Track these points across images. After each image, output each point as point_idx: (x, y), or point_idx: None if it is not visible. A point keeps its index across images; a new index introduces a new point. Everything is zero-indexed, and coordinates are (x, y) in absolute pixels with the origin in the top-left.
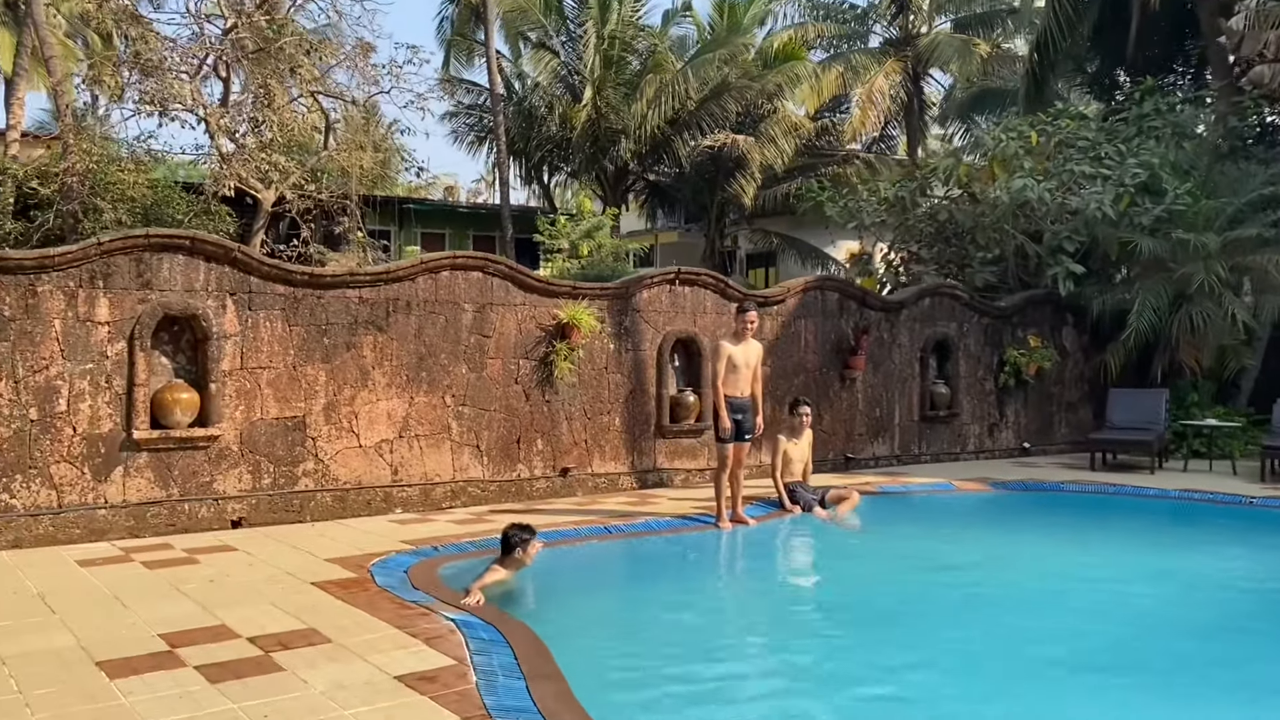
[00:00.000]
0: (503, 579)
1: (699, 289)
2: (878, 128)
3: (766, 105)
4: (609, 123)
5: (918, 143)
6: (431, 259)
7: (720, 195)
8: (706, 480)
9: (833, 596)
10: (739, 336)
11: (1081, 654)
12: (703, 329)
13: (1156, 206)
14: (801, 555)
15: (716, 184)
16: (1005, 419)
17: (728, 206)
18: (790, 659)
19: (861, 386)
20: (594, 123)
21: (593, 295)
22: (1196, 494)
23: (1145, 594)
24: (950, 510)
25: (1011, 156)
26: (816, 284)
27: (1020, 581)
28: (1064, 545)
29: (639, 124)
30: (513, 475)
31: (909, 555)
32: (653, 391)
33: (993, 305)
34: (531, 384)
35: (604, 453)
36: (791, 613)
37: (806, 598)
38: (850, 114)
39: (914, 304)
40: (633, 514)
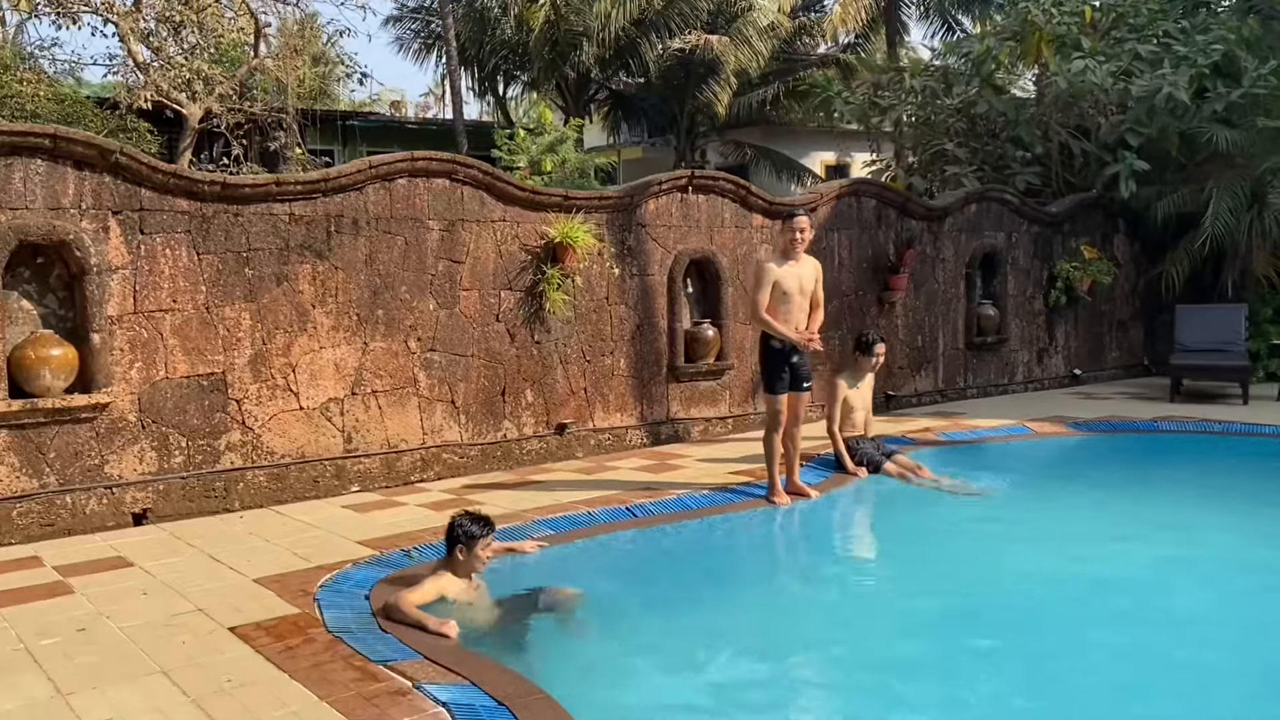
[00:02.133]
0: (456, 594)
1: (715, 197)
2: (860, 23)
3: (741, 2)
4: (569, 24)
5: (896, 44)
6: (383, 162)
7: (691, 104)
8: (729, 431)
9: (960, 603)
10: (788, 253)
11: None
12: (721, 247)
13: (1233, 91)
14: (892, 539)
15: (686, 92)
16: (1055, 343)
17: (698, 117)
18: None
19: (902, 311)
20: (553, 24)
21: (589, 207)
22: None
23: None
24: (1039, 463)
25: (1064, 34)
26: (851, 188)
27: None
28: (1207, 511)
29: (602, 25)
30: (497, 436)
31: (1023, 533)
32: (663, 325)
33: (1044, 211)
34: (517, 321)
35: (608, 403)
36: (914, 638)
37: (926, 611)
38: (830, 10)
39: (959, 211)
40: (657, 487)
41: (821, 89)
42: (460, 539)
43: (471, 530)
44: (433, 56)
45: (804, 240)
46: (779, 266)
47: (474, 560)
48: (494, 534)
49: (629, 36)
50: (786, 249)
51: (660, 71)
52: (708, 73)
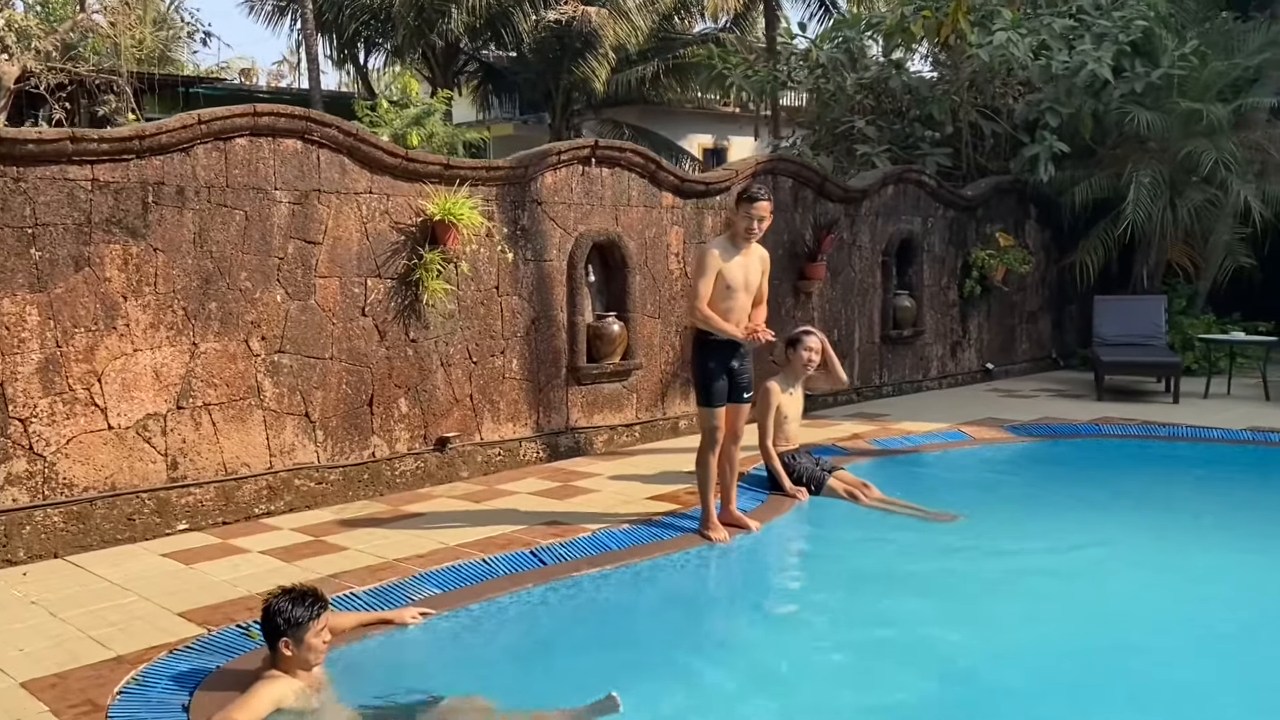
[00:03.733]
0: (294, 701)
1: (621, 171)
2: (740, 1)
3: None
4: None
5: (775, 24)
6: (216, 116)
7: (566, 80)
8: (635, 440)
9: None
10: (737, 241)
11: None
12: (627, 228)
13: (1152, 71)
14: (862, 588)
15: (562, 66)
16: (968, 336)
17: (574, 93)
18: None
19: (819, 302)
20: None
21: (476, 179)
22: (1273, 434)
23: None
24: (988, 475)
25: (983, 6)
26: (769, 165)
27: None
28: (1208, 537)
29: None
30: (364, 455)
31: (1005, 571)
32: (563, 319)
33: (960, 195)
34: (388, 316)
35: (497, 411)
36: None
37: (925, 697)
38: None
39: (877, 193)
40: (565, 521)
41: (715, 62)
42: (283, 630)
43: (295, 616)
44: (287, 20)
45: (761, 228)
46: (725, 255)
47: (306, 653)
48: (326, 611)
49: (501, 5)
50: (737, 235)
51: (535, 44)
52: (585, 47)
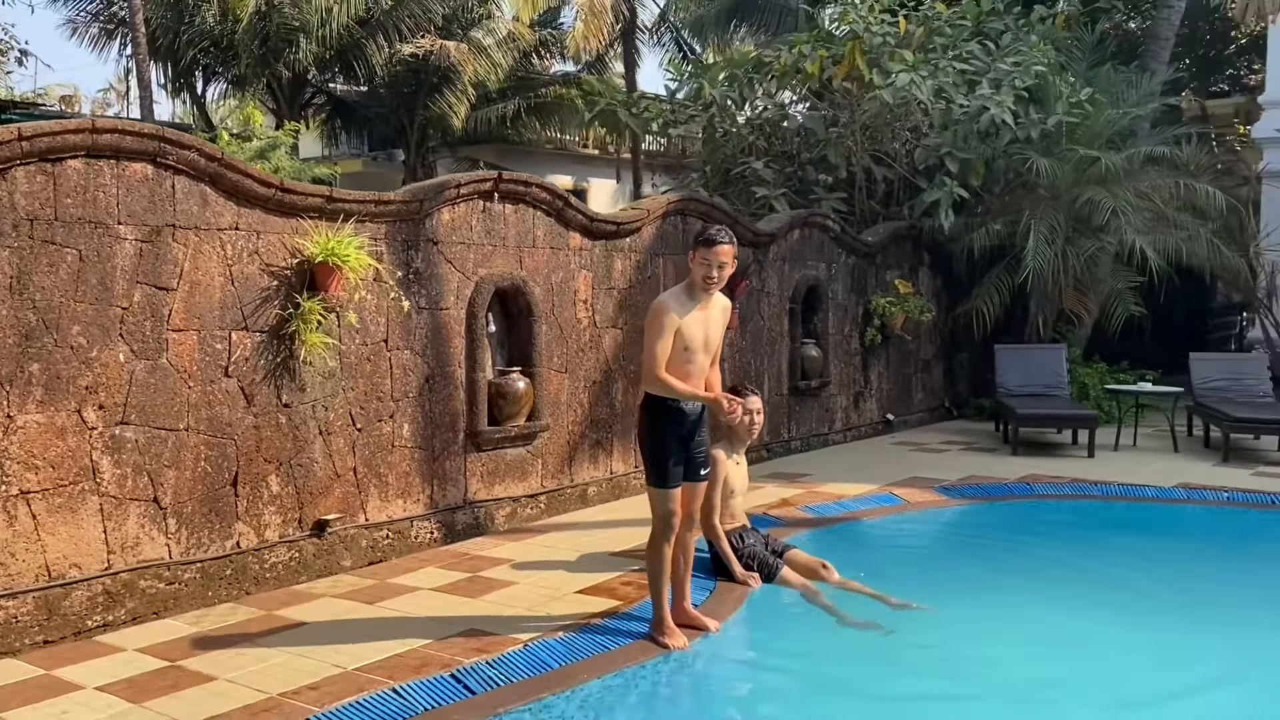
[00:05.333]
0: None
1: (526, 209)
2: (602, 43)
3: (479, 9)
4: (284, 17)
5: (635, 67)
6: (43, 131)
7: (422, 115)
8: (542, 513)
9: None
10: (697, 291)
11: None
12: (533, 272)
13: (1048, 118)
14: (859, 706)
15: (418, 102)
16: (870, 386)
17: (429, 129)
18: None
19: (729, 353)
20: (264, 16)
21: (362, 215)
22: (1207, 493)
23: None
24: (935, 547)
25: (879, 46)
26: (679, 205)
27: None
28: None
29: (322, 21)
30: (227, 545)
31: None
32: (461, 376)
33: (862, 241)
34: (257, 376)
35: (385, 486)
36: None
37: None
38: (573, 26)
39: (784, 238)
40: (485, 625)
41: (597, 98)
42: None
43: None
44: (115, 44)
45: (723, 276)
46: (681, 310)
47: None
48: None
49: (353, 36)
50: (695, 286)
51: (389, 78)
52: (442, 82)
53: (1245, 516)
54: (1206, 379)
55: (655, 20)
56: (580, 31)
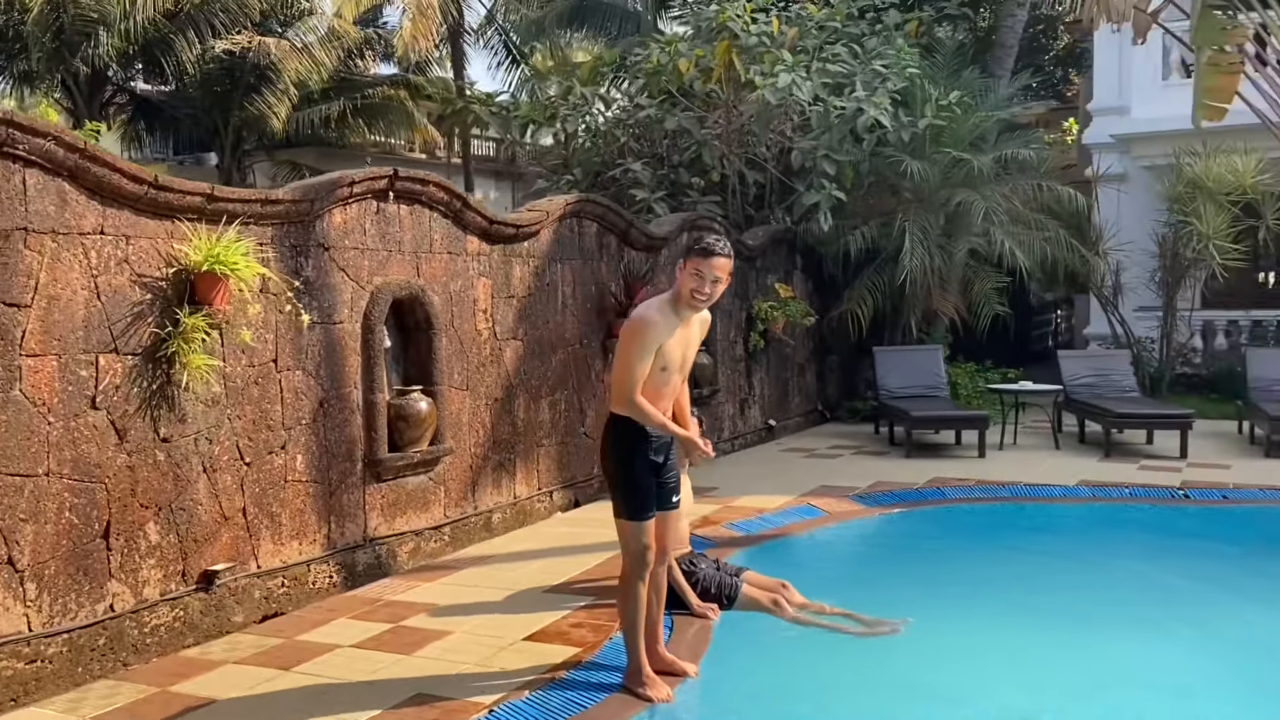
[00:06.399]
0: None
1: (422, 210)
2: (433, 42)
3: (299, 5)
4: (80, 9)
5: (463, 71)
6: None
7: (238, 116)
8: (446, 546)
9: None
10: (682, 306)
11: None
12: (431, 280)
13: (919, 120)
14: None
15: (233, 102)
16: (754, 392)
17: (245, 131)
18: None
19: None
20: (57, 6)
21: (247, 216)
22: (1110, 490)
23: None
24: (878, 559)
25: (754, 47)
26: (576, 206)
27: None
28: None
29: (125, 13)
30: (97, 611)
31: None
32: (357, 398)
33: (744, 244)
34: (130, 407)
35: (279, 526)
36: None
37: None
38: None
39: (675, 241)
40: (431, 688)
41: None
42: None
43: None
44: None
45: (716, 293)
46: (666, 327)
47: None
48: None
49: (161, 31)
50: (681, 300)
51: (201, 76)
52: (260, 81)
53: (1158, 512)
54: (1077, 376)
55: (482, 22)
56: (408, 31)
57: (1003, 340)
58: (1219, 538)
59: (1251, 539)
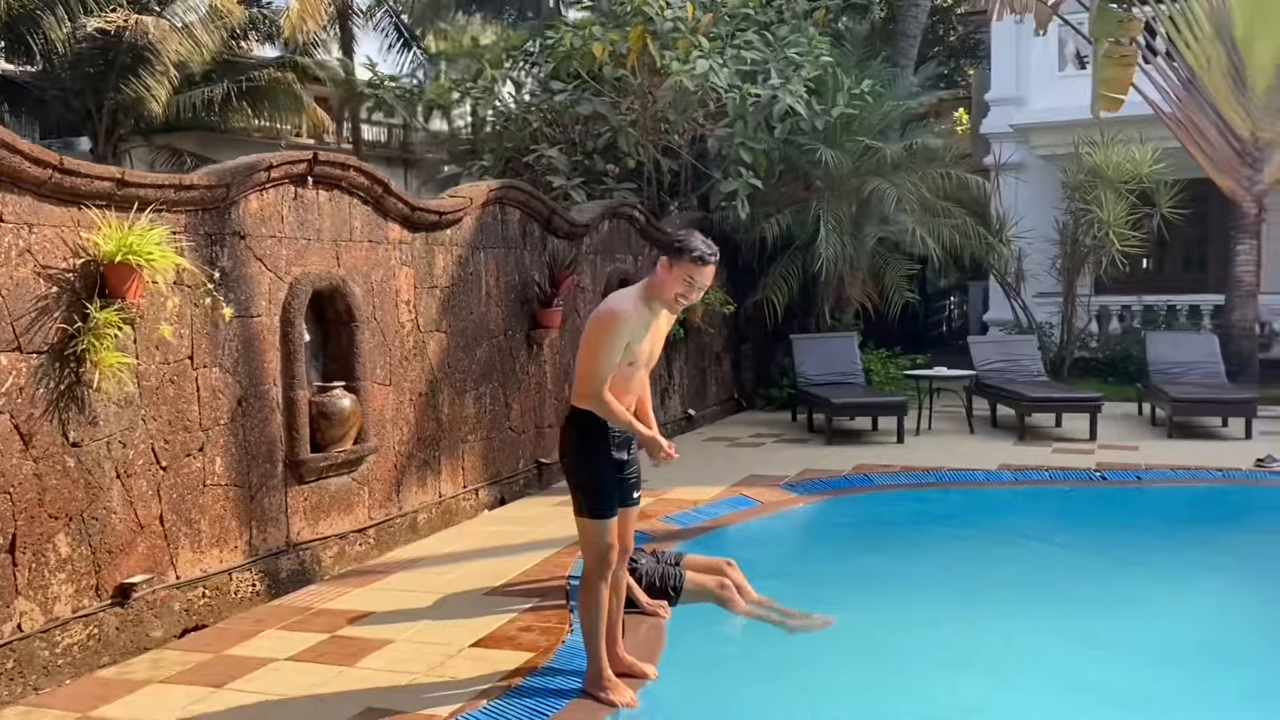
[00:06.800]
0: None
1: (341, 196)
2: (321, 24)
3: None
4: None
5: (352, 54)
6: None
7: (113, 99)
8: (372, 549)
9: None
10: (657, 304)
11: None
12: (351, 270)
13: (832, 109)
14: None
15: (108, 83)
16: (674, 381)
17: (120, 115)
18: None
19: (550, 354)
20: None
21: (161, 202)
22: (1031, 473)
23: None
24: (818, 549)
25: (669, 32)
26: (499, 192)
27: None
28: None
29: None
30: (5, 631)
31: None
32: (277, 396)
33: (663, 232)
34: (36, 410)
35: (198, 534)
36: None
37: None
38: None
39: (597, 228)
40: (381, 702)
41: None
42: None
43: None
44: None
45: (694, 300)
46: (641, 322)
47: None
48: None
49: (26, 8)
50: (661, 300)
51: (71, 56)
52: (138, 62)
53: (1078, 494)
54: (988, 361)
55: (372, 3)
56: (295, 11)
57: (904, 327)
58: (1135, 517)
59: (1165, 518)
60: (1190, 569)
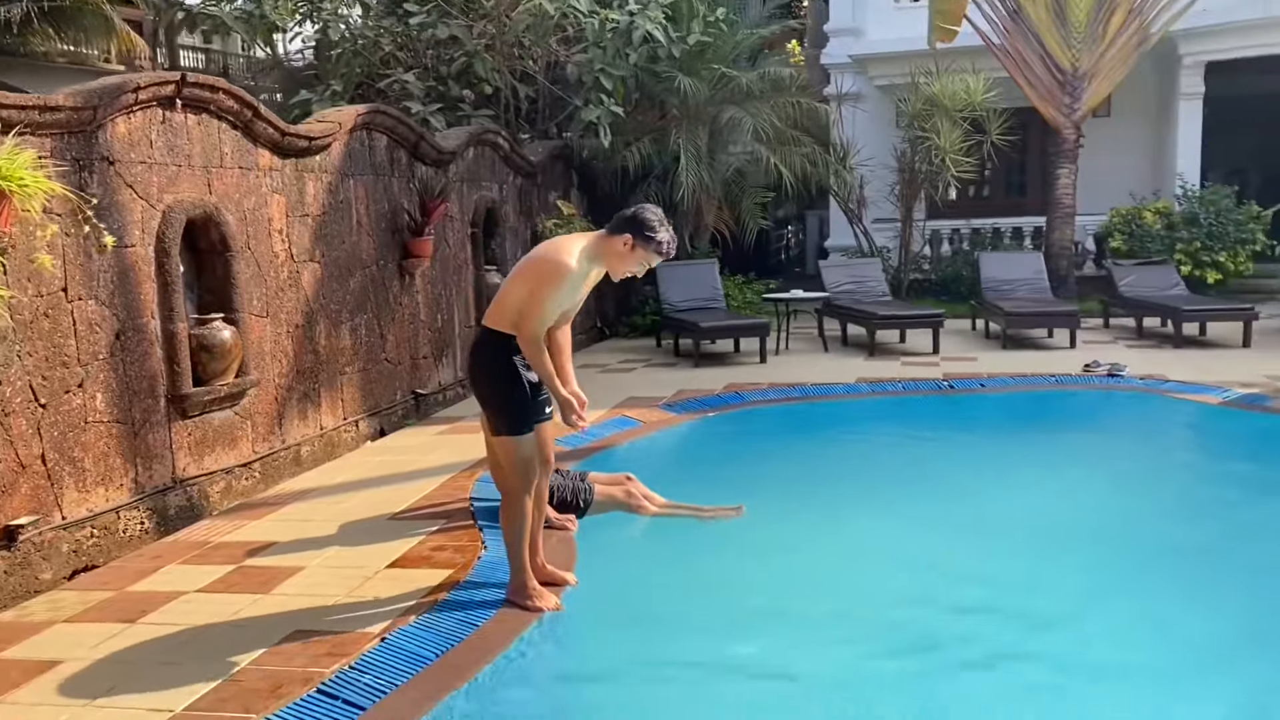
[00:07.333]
0: None
1: (210, 119)
2: None
3: None
4: None
5: None
6: None
7: None
8: (258, 483)
9: None
10: (597, 265)
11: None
12: (223, 198)
13: (688, 36)
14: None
15: None
16: None
17: None
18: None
19: (423, 284)
20: None
21: (24, 125)
22: (886, 385)
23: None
24: (701, 462)
25: None
26: (367, 117)
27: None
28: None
29: None
30: None
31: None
32: (155, 329)
33: (528, 160)
34: None
35: (83, 473)
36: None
37: None
38: None
39: (463, 155)
40: (307, 622)
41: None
42: None
43: None
44: None
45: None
46: (580, 275)
47: None
48: None
49: None
50: (603, 263)
51: None
52: None
53: (929, 402)
54: (838, 283)
55: None
56: None
57: (752, 254)
58: (983, 421)
59: (1009, 420)
60: (1031, 463)
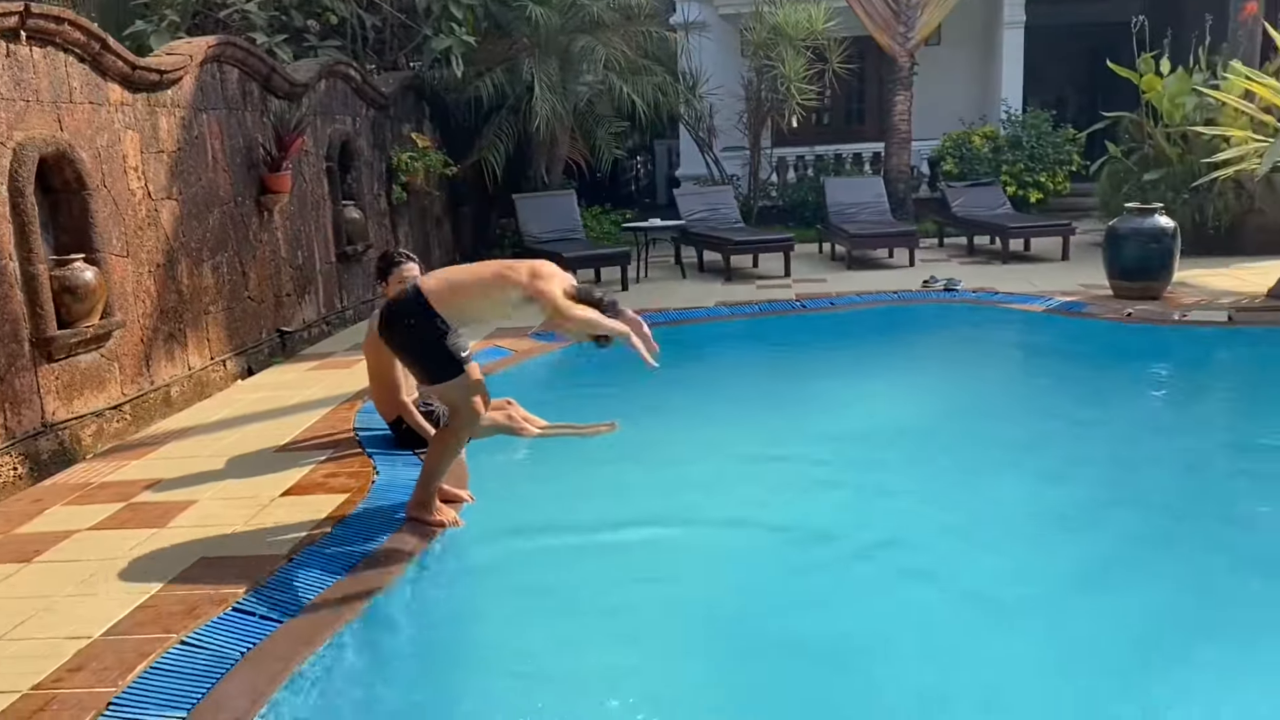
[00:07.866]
0: None
1: (57, 53)
2: None
3: None
4: None
5: None
6: None
7: None
8: (130, 425)
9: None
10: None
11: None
12: (76, 135)
13: None
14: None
15: None
16: (399, 245)
17: None
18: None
19: (282, 220)
20: None
21: None
22: (742, 308)
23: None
24: (575, 386)
25: None
26: (217, 49)
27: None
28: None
29: None
30: None
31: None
32: (15, 271)
33: (380, 92)
34: None
35: None
36: None
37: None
38: None
39: (315, 87)
40: (219, 555)
41: None
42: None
43: None
44: None
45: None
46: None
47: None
48: None
49: None
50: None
51: None
52: None
53: (784, 321)
54: (693, 212)
55: None
56: None
57: (607, 185)
58: (834, 336)
59: (860, 333)
60: (880, 372)
